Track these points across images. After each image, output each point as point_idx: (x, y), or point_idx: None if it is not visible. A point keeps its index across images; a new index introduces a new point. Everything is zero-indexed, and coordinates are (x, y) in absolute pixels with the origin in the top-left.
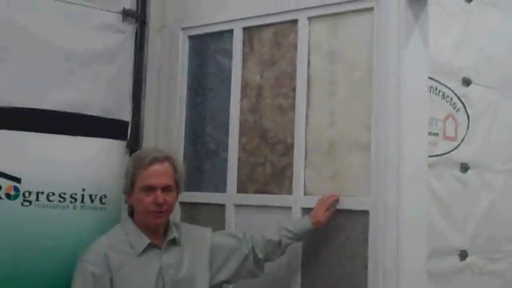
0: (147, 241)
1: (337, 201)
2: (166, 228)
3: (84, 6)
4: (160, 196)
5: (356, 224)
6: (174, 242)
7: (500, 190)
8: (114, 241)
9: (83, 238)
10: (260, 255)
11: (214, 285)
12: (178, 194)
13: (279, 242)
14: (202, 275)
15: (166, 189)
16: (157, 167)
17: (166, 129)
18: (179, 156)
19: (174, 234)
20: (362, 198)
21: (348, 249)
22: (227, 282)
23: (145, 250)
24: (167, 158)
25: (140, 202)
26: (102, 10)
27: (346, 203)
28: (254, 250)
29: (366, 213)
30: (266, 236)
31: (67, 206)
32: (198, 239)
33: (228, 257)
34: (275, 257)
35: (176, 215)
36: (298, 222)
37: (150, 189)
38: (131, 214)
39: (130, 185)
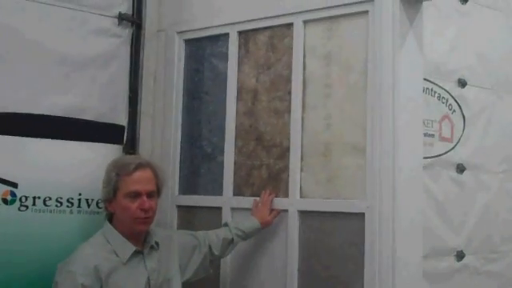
0: (133, 248)
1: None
2: (145, 233)
3: (80, 10)
4: (146, 201)
5: (352, 226)
6: (153, 247)
7: (496, 190)
8: (99, 250)
9: (80, 242)
10: (216, 252)
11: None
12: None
13: (232, 240)
14: (176, 277)
15: (149, 195)
16: (141, 173)
17: (162, 132)
18: (176, 160)
19: (154, 238)
20: (358, 200)
21: (344, 251)
22: (189, 280)
23: (130, 257)
24: (149, 165)
25: (126, 208)
26: (97, 14)
27: (342, 206)
28: (210, 248)
29: (361, 215)
30: (220, 235)
31: (64, 211)
32: (167, 242)
33: (191, 256)
34: (227, 254)
35: (173, 218)
36: (246, 222)
37: (136, 195)
38: (110, 220)
39: (113, 192)
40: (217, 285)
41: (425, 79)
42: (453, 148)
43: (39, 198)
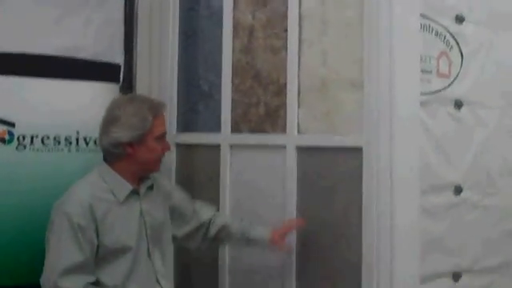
0: (130, 187)
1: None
2: None
3: None
4: (169, 142)
5: (350, 161)
6: (149, 188)
7: (494, 126)
8: (96, 190)
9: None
10: (211, 232)
11: None
12: None
13: (229, 233)
14: (167, 221)
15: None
16: (164, 113)
17: (159, 71)
18: (173, 98)
19: (151, 180)
20: (356, 135)
21: (342, 186)
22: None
23: (127, 197)
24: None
25: (153, 151)
26: None
27: (340, 140)
28: (208, 226)
29: (359, 149)
30: (227, 222)
31: (62, 149)
32: (163, 188)
33: (182, 219)
34: (219, 243)
35: (171, 156)
36: (260, 229)
37: (163, 136)
38: (106, 160)
39: (142, 135)
40: None
41: (422, 15)
42: (450, 84)
43: (37, 136)
